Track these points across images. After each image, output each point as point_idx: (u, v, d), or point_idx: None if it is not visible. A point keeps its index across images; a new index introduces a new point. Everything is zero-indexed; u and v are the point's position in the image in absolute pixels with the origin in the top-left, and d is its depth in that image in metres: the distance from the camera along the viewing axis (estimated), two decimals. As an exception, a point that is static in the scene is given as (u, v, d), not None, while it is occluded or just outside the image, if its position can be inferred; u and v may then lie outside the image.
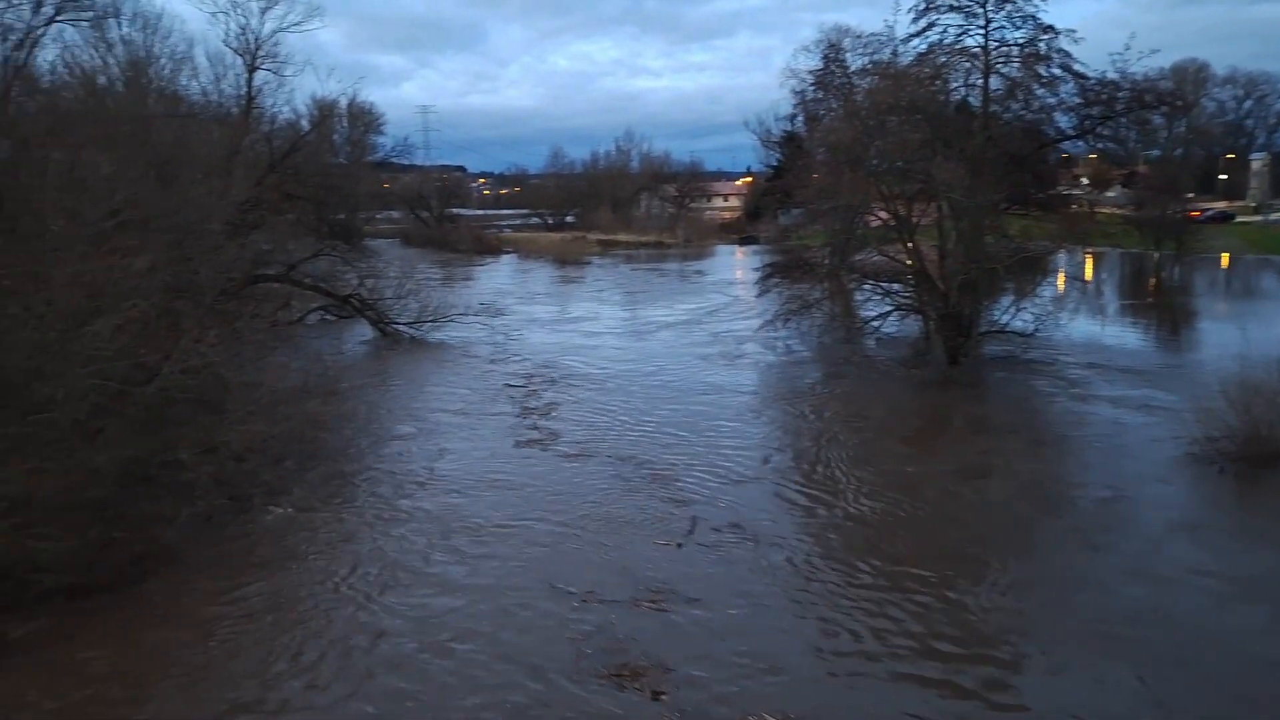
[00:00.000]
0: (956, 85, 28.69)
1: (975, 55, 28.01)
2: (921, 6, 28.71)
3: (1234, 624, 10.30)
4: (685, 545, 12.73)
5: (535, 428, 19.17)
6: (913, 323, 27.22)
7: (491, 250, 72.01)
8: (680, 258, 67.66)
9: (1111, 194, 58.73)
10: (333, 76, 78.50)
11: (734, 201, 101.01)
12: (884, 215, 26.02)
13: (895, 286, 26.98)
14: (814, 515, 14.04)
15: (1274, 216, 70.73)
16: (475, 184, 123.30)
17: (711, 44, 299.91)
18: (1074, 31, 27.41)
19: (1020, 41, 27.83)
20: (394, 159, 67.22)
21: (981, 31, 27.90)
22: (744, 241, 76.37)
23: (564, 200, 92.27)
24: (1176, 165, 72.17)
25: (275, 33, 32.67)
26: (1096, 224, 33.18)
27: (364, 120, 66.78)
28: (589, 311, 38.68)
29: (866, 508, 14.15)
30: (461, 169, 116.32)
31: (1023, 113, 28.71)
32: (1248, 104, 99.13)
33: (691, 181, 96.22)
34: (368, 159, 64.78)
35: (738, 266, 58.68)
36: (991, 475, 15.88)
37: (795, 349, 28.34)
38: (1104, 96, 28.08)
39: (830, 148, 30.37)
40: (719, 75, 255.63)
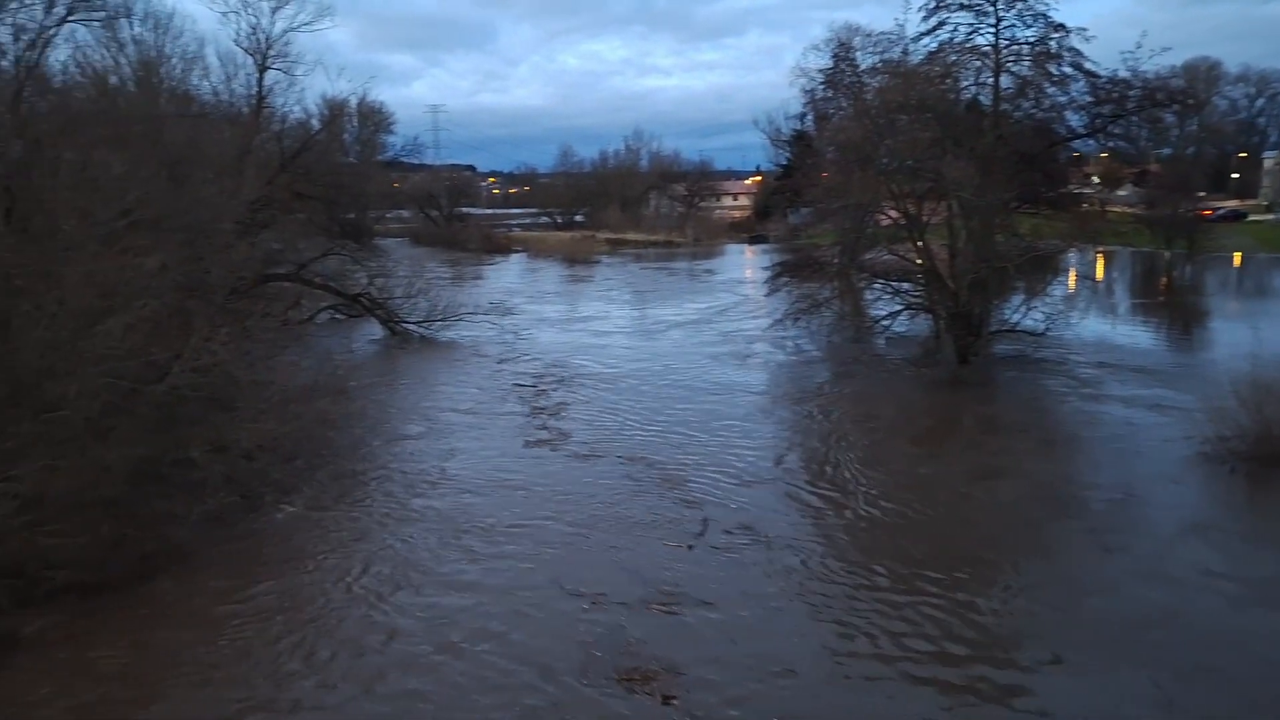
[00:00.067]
0: (967, 84, 28.55)
1: (986, 54, 27.88)
2: (932, 5, 28.62)
3: (1248, 627, 10.23)
4: (696, 547, 12.70)
5: (545, 427, 19.18)
6: (923, 322, 27.19)
7: (501, 249, 72.11)
8: (689, 257, 67.61)
9: (1123, 193, 58.32)
10: (343, 76, 78.53)
11: (743, 200, 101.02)
12: (894, 214, 25.97)
13: (905, 285, 26.93)
14: (825, 517, 14.01)
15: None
16: (485, 183, 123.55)
17: (721, 42, 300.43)
18: (1085, 30, 27.30)
19: (1031, 40, 27.72)
20: (404, 158, 67.36)
21: (992, 30, 27.80)
22: (753, 240, 76.31)
23: (573, 199, 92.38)
24: (1188, 164, 71.93)
25: (286, 32, 32.73)
26: (1107, 223, 33.02)
27: (374, 119, 66.95)
28: (598, 311, 38.69)
29: (878, 509, 14.11)
30: (471, 168, 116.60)
31: (1033, 111, 28.56)
32: (1260, 102, 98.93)
33: (701, 180, 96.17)
34: (378, 158, 64.92)
35: (747, 265, 58.62)
36: (1002, 476, 15.81)
37: (805, 348, 28.29)
38: (1115, 95, 27.91)
39: (840, 146, 30.29)
40: (728, 74, 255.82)
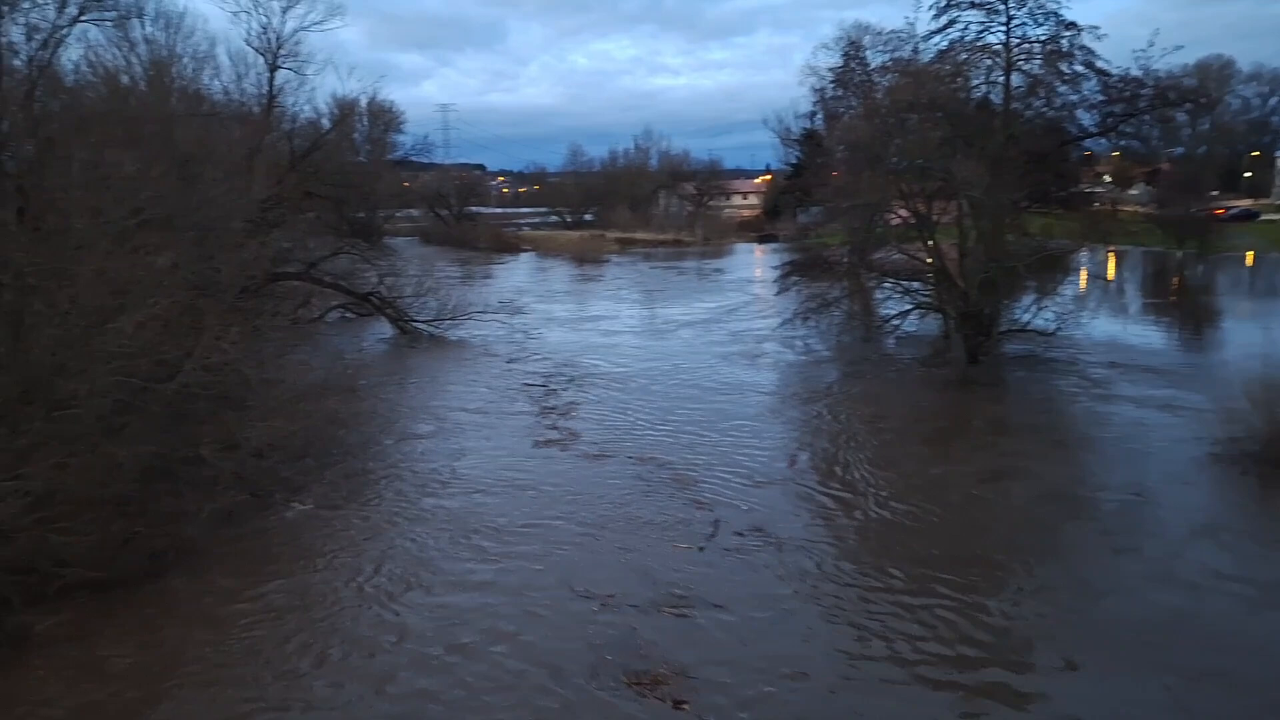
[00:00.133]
0: (977, 83, 28.39)
1: (997, 52, 27.72)
2: (942, 3, 28.42)
3: (1261, 629, 10.17)
4: (707, 548, 12.65)
5: (555, 427, 19.17)
6: (932, 321, 27.13)
7: (510, 248, 72.14)
8: (699, 256, 67.57)
9: (1134, 192, 58.06)
10: (353, 75, 78.61)
11: (753, 200, 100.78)
12: (904, 213, 25.91)
13: (915, 285, 26.88)
14: (836, 518, 13.96)
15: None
16: (494, 182, 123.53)
17: (731, 41, 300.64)
18: (1097, 28, 27.08)
19: (1042, 38, 27.52)
20: (414, 157, 67.27)
21: (1003, 28, 27.62)
22: (763, 240, 76.14)
23: (582, 198, 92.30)
24: (1200, 163, 71.62)
25: (296, 32, 32.75)
26: (1118, 222, 32.80)
27: (384, 119, 66.81)
28: (608, 310, 38.69)
29: (889, 510, 14.06)
30: (480, 167, 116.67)
31: (1044, 110, 28.41)
32: (1273, 101, 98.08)
33: (710, 180, 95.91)
34: (388, 157, 64.81)
35: (756, 265, 58.55)
36: (1013, 477, 15.74)
37: (814, 347, 28.25)
38: (1127, 94, 27.74)
39: (850, 146, 30.29)
40: (738, 73, 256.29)
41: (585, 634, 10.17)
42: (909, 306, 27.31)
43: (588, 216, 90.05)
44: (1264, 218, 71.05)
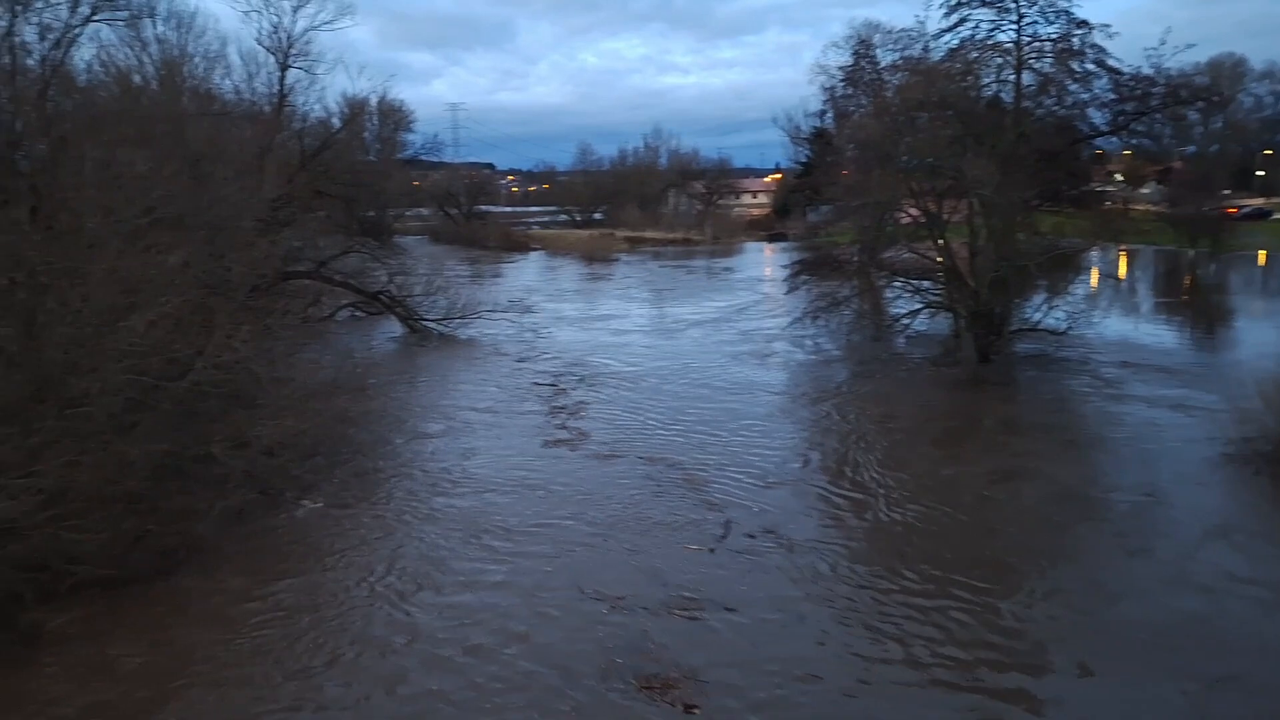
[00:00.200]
0: (988, 81, 28.29)
1: (1007, 51, 27.62)
2: (953, 2, 28.33)
3: (1278, 633, 10.09)
4: (718, 550, 12.60)
5: (565, 427, 19.15)
6: (943, 320, 27.03)
7: (519, 247, 72.16)
8: (708, 255, 67.50)
9: (1146, 191, 57.87)
10: (363, 74, 79.25)
11: (762, 198, 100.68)
12: (914, 212, 25.81)
13: (925, 284, 26.79)
14: (847, 519, 13.91)
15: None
16: (504, 181, 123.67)
17: (740, 40, 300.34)
18: (1108, 26, 26.97)
19: (1053, 36, 27.40)
20: (423, 156, 67.66)
21: (1014, 26, 27.51)
22: (772, 239, 76.01)
23: (592, 197, 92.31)
24: (1212, 161, 71.21)
25: (307, 31, 32.85)
26: (1130, 221, 32.63)
27: (394, 118, 66.92)
28: (617, 309, 38.66)
29: (900, 512, 14.00)
30: (490, 166, 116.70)
31: (1055, 108, 28.27)
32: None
33: (719, 178, 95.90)
34: (397, 156, 65.09)
35: (766, 264, 58.47)
36: (1025, 477, 15.67)
37: (824, 346, 28.18)
38: (1138, 92, 27.60)
39: (860, 144, 30.22)
40: (748, 71, 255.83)
41: (596, 636, 10.13)
42: (919, 305, 27.21)
43: (597, 215, 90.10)
44: (1276, 216, 70.48)
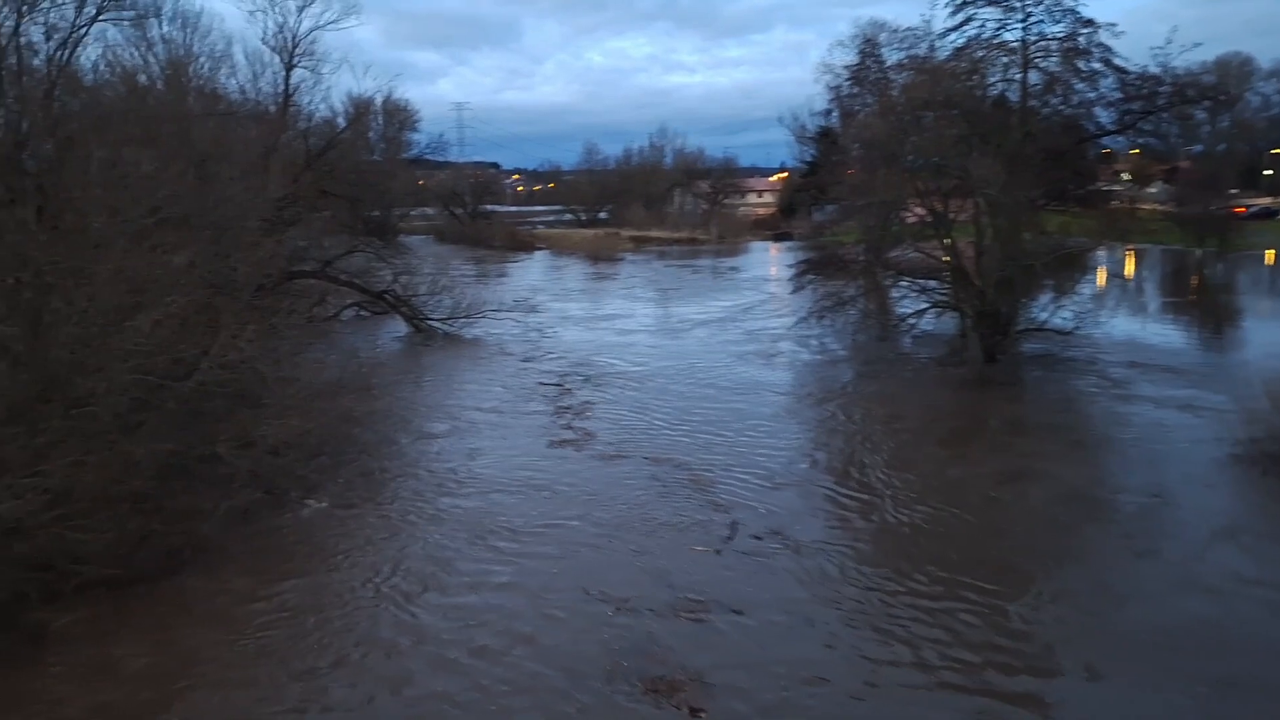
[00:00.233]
0: (994, 80, 28.21)
1: (1013, 50, 27.53)
2: (959, 0, 28.32)
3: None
4: (724, 551, 12.56)
5: (570, 427, 19.12)
6: (949, 320, 26.97)
7: (525, 246, 72.19)
8: (714, 254, 67.46)
9: (1153, 190, 57.59)
10: (369, 74, 79.19)
11: (768, 198, 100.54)
12: (920, 211, 25.76)
13: (931, 283, 26.72)
14: (854, 521, 13.85)
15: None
16: (509, 180, 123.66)
17: (746, 39, 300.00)
18: (1115, 25, 26.86)
19: (1060, 35, 27.33)
20: (429, 156, 67.46)
21: (1020, 26, 27.43)
22: (778, 238, 75.94)
23: (597, 197, 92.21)
24: (1219, 160, 70.85)
25: (312, 31, 33.01)
26: (1137, 220, 32.54)
27: (399, 117, 66.90)
28: (622, 308, 38.63)
29: (907, 514, 13.93)
30: (495, 165, 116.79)
31: (1062, 108, 28.21)
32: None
33: (725, 178, 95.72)
34: (403, 156, 64.97)
35: (772, 263, 58.42)
36: (1032, 478, 15.59)
37: (830, 346, 28.14)
38: (1145, 91, 27.52)
39: (865, 143, 30.10)
40: (753, 71, 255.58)
41: (602, 637, 10.09)
42: (925, 305, 27.17)
43: (602, 215, 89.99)
44: (1284, 216, 70.39)
